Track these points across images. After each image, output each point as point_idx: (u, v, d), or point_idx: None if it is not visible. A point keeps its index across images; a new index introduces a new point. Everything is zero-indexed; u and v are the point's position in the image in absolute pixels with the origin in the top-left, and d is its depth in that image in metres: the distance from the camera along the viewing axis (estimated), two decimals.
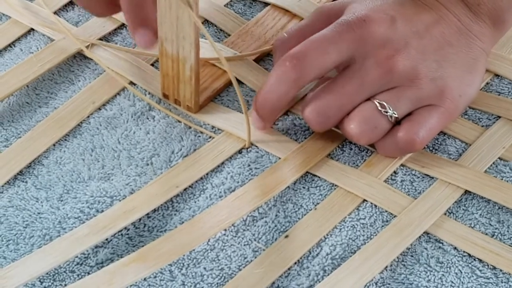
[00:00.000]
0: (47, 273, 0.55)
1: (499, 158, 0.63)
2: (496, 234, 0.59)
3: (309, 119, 0.61)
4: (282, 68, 0.60)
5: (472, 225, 0.59)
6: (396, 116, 0.60)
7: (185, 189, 0.61)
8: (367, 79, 0.60)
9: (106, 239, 0.57)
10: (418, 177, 0.62)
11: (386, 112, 0.60)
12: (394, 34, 0.61)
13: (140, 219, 0.59)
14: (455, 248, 0.58)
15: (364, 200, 0.60)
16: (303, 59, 0.60)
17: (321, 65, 0.60)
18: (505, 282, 0.56)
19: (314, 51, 0.60)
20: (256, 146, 0.64)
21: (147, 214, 0.59)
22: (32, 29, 0.72)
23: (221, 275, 0.56)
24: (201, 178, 0.62)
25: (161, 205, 0.60)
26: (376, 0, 0.63)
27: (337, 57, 0.60)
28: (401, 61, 0.60)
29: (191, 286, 0.55)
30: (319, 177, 0.62)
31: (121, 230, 0.58)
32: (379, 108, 0.60)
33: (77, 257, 0.56)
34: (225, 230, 0.58)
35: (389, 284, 0.55)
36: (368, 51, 0.61)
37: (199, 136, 0.64)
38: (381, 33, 0.61)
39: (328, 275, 0.56)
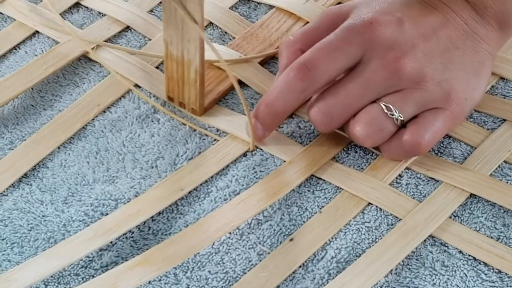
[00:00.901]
0: (51, 276, 0.55)
1: (504, 161, 0.63)
2: (501, 237, 0.58)
3: (314, 119, 0.61)
4: (290, 77, 0.60)
5: (477, 229, 0.59)
6: (402, 119, 0.60)
7: (189, 192, 0.61)
8: (374, 80, 0.60)
9: (111, 242, 0.57)
10: (423, 180, 0.62)
11: (392, 114, 0.60)
12: (401, 36, 0.61)
13: (144, 222, 0.59)
14: (460, 251, 0.57)
15: (369, 203, 0.60)
16: (311, 68, 0.60)
17: (329, 73, 0.60)
18: (510, 286, 0.56)
19: (322, 59, 0.60)
20: (261, 149, 0.64)
21: (152, 217, 0.59)
22: (37, 32, 0.72)
23: (225, 278, 0.56)
24: (206, 181, 0.62)
25: (166, 208, 0.60)
26: (382, 3, 0.63)
27: (345, 63, 0.61)
28: (408, 63, 0.60)
29: None
30: (324, 180, 0.62)
31: (125, 233, 0.58)
32: (385, 110, 0.60)
33: (81, 260, 0.56)
34: (230, 233, 0.58)
35: (394, 287, 0.55)
36: (375, 53, 0.61)
37: (204, 139, 0.64)
38: (388, 35, 0.61)
39: (333, 278, 0.56)
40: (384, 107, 0.60)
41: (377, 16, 0.61)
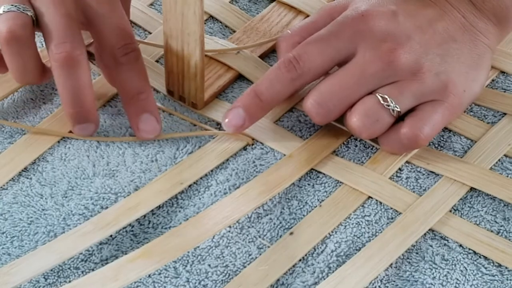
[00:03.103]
0: (51, 270, 0.55)
1: (504, 155, 0.63)
2: (501, 231, 0.58)
3: (310, 110, 0.62)
4: (280, 69, 0.62)
5: (478, 222, 0.59)
6: (399, 110, 0.60)
7: (189, 186, 0.61)
8: (368, 72, 0.60)
9: (111, 236, 0.57)
10: (423, 174, 0.62)
11: (388, 105, 0.60)
12: (395, 28, 0.61)
13: (144, 216, 0.59)
14: (460, 245, 0.57)
15: (369, 197, 0.60)
16: (299, 61, 0.61)
17: (317, 66, 0.62)
18: (510, 280, 0.56)
19: (310, 53, 0.61)
20: (261, 143, 0.64)
21: (152, 210, 0.59)
22: None
23: (225, 272, 0.56)
24: (206, 175, 0.61)
25: (166, 201, 0.60)
26: None
27: (334, 57, 0.61)
28: (403, 54, 0.60)
29: (195, 283, 0.55)
30: (324, 174, 0.62)
31: (125, 227, 0.58)
32: (381, 101, 0.60)
33: (81, 253, 0.56)
34: (230, 226, 0.58)
35: (394, 281, 0.55)
36: (369, 45, 0.61)
37: None
38: (381, 27, 0.61)
39: (333, 272, 0.56)
40: (380, 98, 0.60)
41: (370, 9, 0.62)
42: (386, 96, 0.60)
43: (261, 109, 0.62)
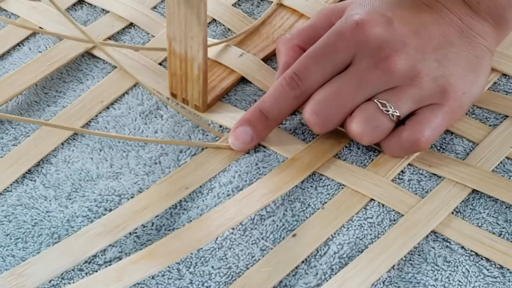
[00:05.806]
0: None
1: (506, 157, 0.63)
2: (503, 233, 0.59)
3: (309, 121, 0.62)
4: (283, 86, 0.62)
5: (480, 224, 0.59)
6: (398, 114, 0.61)
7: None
8: (365, 79, 0.61)
9: None
10: (426, 176, 0.62)
11: (387, 111, 0.60)
12: (391, 35, 0.61)
13: None
14: (462, 247, 0.58)
15: (372, 200, 0.60)
16: (301, 77, 0.62)
17: (319, 80, 0.62)
18: None
19: (311, 68, 0.62)
20: (264, 146, 0.64)
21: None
22: (41, 28, 0.72)
23: (228, 273, 0.56)
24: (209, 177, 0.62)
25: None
26: (374, 1, 0.63)
27: (334, 69, 0.62)
28: (398, 60, 0.61)
29: (199, 284, 0.55)
30: (326, 176, 0.62)
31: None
32: (380, 107, 0.60)
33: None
34: (233, 228, 0.58)
35: (396, 283, 0.56)
36: (365, 53, 0.61)
37: (207, 135, 0.64)
38: (376, 34, 0.61)
39: (336, 274, 0.56)
40: (379, 104, 0.61)
41: (365, 17, 0.62)
42: (385, 102, 0.60)
43: (268, 127, 0.63)
